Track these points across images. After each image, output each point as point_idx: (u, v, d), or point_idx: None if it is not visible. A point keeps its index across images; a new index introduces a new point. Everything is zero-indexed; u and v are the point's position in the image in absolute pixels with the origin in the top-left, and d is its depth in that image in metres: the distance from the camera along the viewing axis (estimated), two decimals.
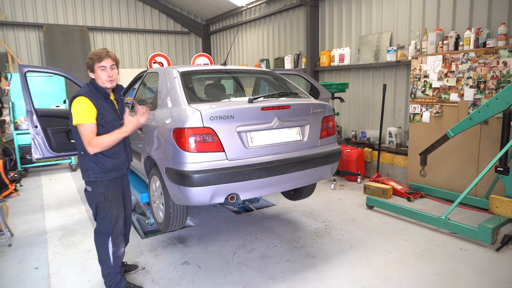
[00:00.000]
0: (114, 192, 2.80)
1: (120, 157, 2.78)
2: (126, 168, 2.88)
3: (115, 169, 2.75)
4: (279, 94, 3.68)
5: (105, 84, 2.64)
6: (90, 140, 2.52)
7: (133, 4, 11.11)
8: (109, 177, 2.74)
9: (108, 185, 2.75)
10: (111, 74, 2.63)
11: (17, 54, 9.54)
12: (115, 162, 2.73)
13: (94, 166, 2.68)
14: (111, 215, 2.78)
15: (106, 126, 2.63)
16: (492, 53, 4.33)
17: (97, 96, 2.63)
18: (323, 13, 7.44)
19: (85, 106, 2.55)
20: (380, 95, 6.18)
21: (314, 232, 4.09)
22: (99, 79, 2.63)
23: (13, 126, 6.75)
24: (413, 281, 3.04)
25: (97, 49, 2.64)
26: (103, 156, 2.68)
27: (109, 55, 2.62)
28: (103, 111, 2.62)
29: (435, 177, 5.11)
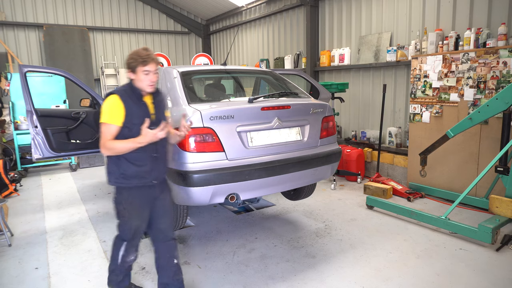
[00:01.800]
0: (135, 202, 2.59)
1: (145, 165, 2.54)
2: (152, 178, 2.59)
3: (137, 177, 2.54)
4: (279, 94, 3.69)
5: (146, 89, 2.50)
6: (105, 142, 2.43)
7: (133, 4, 11.11)
8: (129, 184, 2.55)
9: (128, 194, 2.57)
10: (153, 80, 2.49)
11: (17, 54, 9.54)
12: (137, 169, 2.53)
13: (115, 169, 2.54)
14: (130, 226, 2.63)
15: (133, 129, 2.46)
16: (492, 53, 4.33)
17: (130, 97, 2.50)
18: (323, 13, 7.44)
19: (114, 106, 2.44)
20: (380, 95, 6.18)
21: (314, 232, 4.09)
22: (139, 82, 2.48)
23: (13, 126, 6.74)
24: (413, 281, 3.04)
25: (139, 49, 2.47)
26: (126, 161, 2.51)
27: (154, 59, 2.48)
28: (131, 113, 2.47)
29: (435, 177, 5.11)
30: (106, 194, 5.72)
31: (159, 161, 2.63)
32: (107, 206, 5.14)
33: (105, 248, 3.79)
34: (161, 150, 2.64)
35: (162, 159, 2.66)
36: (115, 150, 2.44)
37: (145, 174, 2.56)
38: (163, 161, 2.68)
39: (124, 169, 2.52)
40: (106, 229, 4.29)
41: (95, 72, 10.65)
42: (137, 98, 2.52)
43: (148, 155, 2.54)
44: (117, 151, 2.45)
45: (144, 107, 2.54)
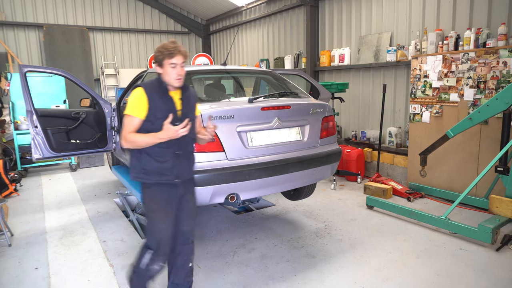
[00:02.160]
0: (158, 200, 2.48)
1: (166, 162, 2.44)
2: (174, 176, 2.47)
3: (157, 173, 2.44)
4: (279, 94, 3.69)
5: (173, 83, 2.41)
6: (126, 134, 2.36)
7: (133, 4, 11.11)
8: (150, 180, 2.46)
9: (150, 191, 2.49)
10: (180, 73, 2.39)
11: (17, 54, 9.54)
12: (158, 165, 2.43)
13: (137, 164, 2.47)
14: (155, 228, 2.49)
15: (156, 123, 2.37)
16: (492, 53, 4.33)
17: (156, 90, 2.42)
18: (323, 13, 7.44)
19: (139, 98, 2.39)
20: (380, 95, 6.18)
21: (314, 232, 4.09)
22: (166, 76, 2.40)
23: (13, 126, 6.75)
24: (413, 281, 3.04)
25: (166, 42, 2.38)
26: (147, 156, 2.43)
27: (181, 51, 2.38)
28: (155, 107, 2.39)
29: (435, 177, 5.11)
30: (106, 194, 5.73)
31: (182, 159, 2.51)
32: (107, 206, 5.14)
33: (105, 248, 3.79)
34: (185, 148, 2.53)
35: (186, 157, 2.55)
36: (135, 143, 2.37)
37: (166, 171, 2.45)
38: (187, 159, 2.56)
39: (145, 164, 2.44)
40: (106, 229, 4.29)
41: (95, 72, 10.65)
42: (163, 92, 2.43)
43: (170, 152, 2.45)
44: (137, 145, 2.38)
45: (170, 102, 2.45)
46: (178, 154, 2.48)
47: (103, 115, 4.77)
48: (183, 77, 2.42)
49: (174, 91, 2.48)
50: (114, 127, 4.79)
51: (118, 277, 3.22)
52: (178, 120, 2.41)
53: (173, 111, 2.43)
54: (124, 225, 4.41)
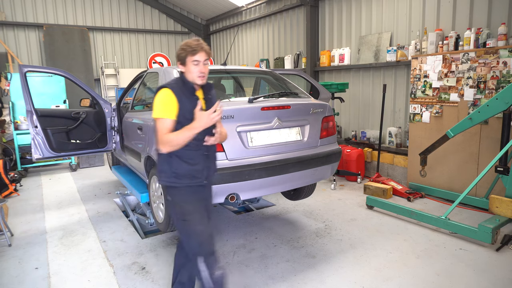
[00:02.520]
0: (193, 204, 2.43)
1: (197, 164, 2.40)
2: (204, 178, 2.46)
3: (188, 176, 2.39)
4: (279, 94, 3.68)
5: (196, 80, 2.35)
6: (162, 136, 2.28)
7: (133, 4, 11.11)
8: (181, 184, 2.40)
9: (184, 194, 2.42)
10: (203, 70, 2.34)
11: (17, 54, 9.54)
12: (189, 168, 2.38)
13: (167, 168, 2.39)
14: (195, 231, 2.39)
15: (185, 124, 2.31)
16: (492, 53, 4.33)
17: (182, 90, 2.35)
18: (323, 13, 7.44)
19: (167, 99, 2.31)
20: (380, 95, 6.18)
21: (314, 232, 4.09)
22: (189, 74, 2.34)
23: (13, 126, 6.75)
24: (413, 281, 3.04)
25: (190, 40, 2.34)
26: (177, 159, 2.36)
27: (204, 48, 2.32)
28: (184, 107, 2.33)
29: (435, 177, 5.11)
30: (106, 194, 5.73)
31: (210, 160, 2.50)
32: (107, 206, 5.14)
33: (105, 248, 3.79)
34: (212, 148, 2.51)
35: (212, 158, 2.54)
36: (172, 142, 2.27)
37: (197, 173, 2.42)
38: (213, 160, 2.55)
39: (176, 167, 2.37)
40: (106, 229, 4.29)
41: (95, 72, 10.65)
42: (189, 93, 2.38)
43: (200, 153, 2.42)
44: (175, 143, 2.28)
45: (196, 101, 2.39)
46: (207, 155, 2.45)
47: (103, 115, 4.77)
48: (206, 75, 2.37)
49: (199, 91, 2.43)
50: (114, 127, 4.79)
51: (118, 277, 3.22)
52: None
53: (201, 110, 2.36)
54: (124, 225, 4.41)
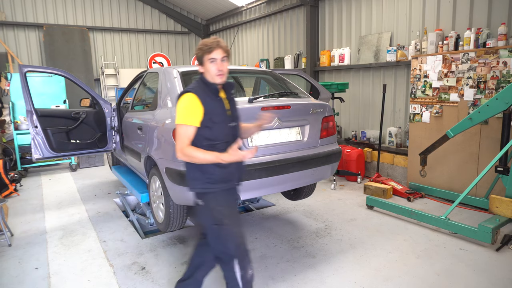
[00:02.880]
0: (230, 207, 2.39)
1: (230, 166, 2.32)
2: (236, 179, 2.44)
3: (223, 181, 2.34)
4: (279, 94, 3.68)
5: (214, 79, 2.27)
6: (183, 147, 2.20)
7: (133, 4, 11.11)
8: (216, 189, 2.34)
9: (220, 198, 2.37)
10: (221, 68, 2.25)
11: (17, 54, 9.54)
12: (223, 172, 2.32)
13: (200, 175, 2.31)
14: (233, 234, 2.35)
15: (213, 128, 2.26)
16: (492, 53, 4.33)
17: (206, 93, 2.27)
18: (323, 13, 7.44)
19: (191, 105, 2.22)
20: (380, 95, 6.18)
21: (314, 232, 4.09)
22: (208, 73, 2.27)
23: (13, 126, 6.75)
24: (413, 281, 3.04)
25: (207, 39, 2.28)
26: (211, 164, 2.28)
27: (220, 45, 2.24)
28: (211, 111, 2.25)
29: (435, 177, 5.11)
30: (106, 194, 5.73)
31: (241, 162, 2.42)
32: (107, 206, 5.14)
33: (105, 248, 3.79)
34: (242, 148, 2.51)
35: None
36: (193, 159, 2.22)
37: (230, 175, 2.37)
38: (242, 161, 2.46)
39: (211, 173, 2.29)
40: (106, 229, 4.29)
41: (95, 72, 10.65)
42: (214, 94, 2.30)
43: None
44: (195, 161, 2.23)
45: (221, 103, 2.33)
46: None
47: (103, 115, 4.77)
48: (225, 72, 2.29)
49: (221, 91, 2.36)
50: (114, 127, 4.79)
51: (118, 277, 3.22)
52: (230, 120, 2.34)
53: (225, 112, 2.33)
54: (124, 225, 4.41)
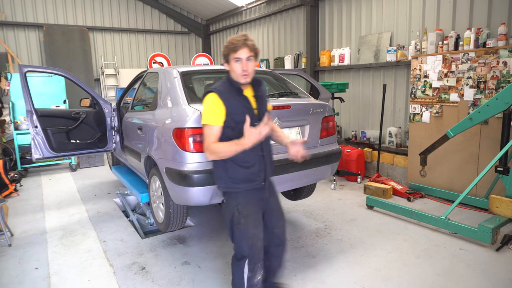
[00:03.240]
0: (250, 207, 2.37)
1: (253, 166, 2.32)
2: (261, 179, 2.38)
3: (246, 181, 2.33)
4: (279, 94, 3.68)
5: (239, 79, 2.25)
6: (209, 145, 2.22)
7: (133, 4, 11.11)
8: (239, 189, 2.35)
9: (241, 198, 2.36)
10: (245, 68, 2.21)
11: (17, 54, 9.54)
12: (246, 172, 2.32)
13: (224, 174, 2.34)
14: (248, 234, 2.35)
15: (236, 128, 2.24)
16: (492, 53, 4.33)
17: (230, 92, 2.27)
18: (323, 13, 7.44)
19: (213, 104, 2.24)
20: (380, 95, 6.18)
21: (314, 232, 4.09)
22: (233, 73, 2.25)
23: (13, 126, 6.75)
24: (413, 281, 3.04)
25: (235, 35, 2.26)
26: (233, 164, 2.29)
27: (247, 44, 2.21)
28: (232, 110, 2.24)
29: (435, 177, 5.11)
30: (106, 194, 5.73)
31: (266, 160, 2.40)
32: (107, 206, 5.14)
33: (105, 248, 3.79)
34: (267, 148, 2.40)
35: (268, 158, 2.43)
36: (219, 154, 2.22)
37: (253, 176, 2.35)
38: (269, 160, 2.44)
39: (233, 172, 2.31)
40: (106, 229, 4.29)
41: (95, 72, 10.65)
42: (237, 93, 2.29)
43: (255, 155, 2.33)
44: (222, 155, 2.23)
45: (246, 101, 2.31)
46: (262, 156, 2.37)
47: (103, 115, 4.77)
48: (250, 72, 2.25)
49: (247, 89, 2.34)
50: (114, 127, 4.79)
51: (118, 277, 3.22)
52: (257, 119, 2.30)
53: (251, 111, 2.30)
54: (124, 225, 4.41)
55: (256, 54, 2.28)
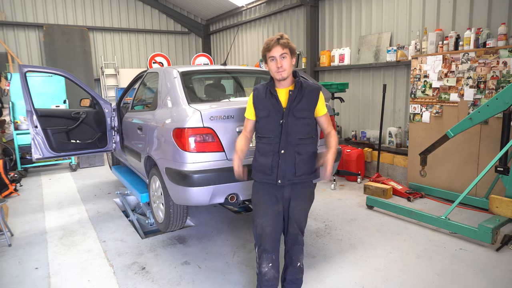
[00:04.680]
0: (260, 197, 2.50)
1: (267, 159, 2.39)
2: (275, 176, 2.40)
3: (260, 171, 2.44)
4: None
5: (275, 76, 2.35)
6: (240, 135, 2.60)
7: (133, 4, 11.11)
8: (255, 177, 2.50)
9: (255, 186, 2.54)
10: (279, 65, 2.30)
11: (17, 54, 9.54)
12: (261, 162, 2.43)
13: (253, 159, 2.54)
14: (256, 222, 2.50)
15: (260, 122, 2.44)
16: (492, 53, 4.33)
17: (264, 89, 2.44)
18: (323, 13, 7.44)
19: (249, 101, 2.53)
20: (380, 95, 6.18)
21: (314, 232, 4.09)
22: (270, 71, 2.38)
23: (13, 126, 6.75)
24: (413, 281, 3.04)
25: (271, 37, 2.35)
26: (257, 152, 2.49)
27: (279, 43, 2.29)
28: (258, 107, 2.44)
29: (435, 177, 5.11)
30: (106, 194, 5.73)
31: (287, 160, 2.38)
32: (107, 206, 5.14)
33: (105, 248, 3.79)
34: (291, 147, 2.39)
35: (291, 159, 2.39)
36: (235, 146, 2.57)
37: (266, 169, 2.41)
38: (293, 162, 2.39)
39: (255, 161, 2.50)
40: (106, 229, 4.29)
41: (95, 72, 10.65)
42: (269, 91, 2.41)
43: (271, 149, 2.40)
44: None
45: (274, 99, 2.39)
46: (282, 154, 2.38)
47: (103, 115, 4.77)
48: (286, 68, 2.32)
49: (284, 88, 2.41)
50: (114, 127, 4.79)
51: (118, 277, 3.22)
52: (283, 116, 2.36)
53: (277, 109, 2.37)
54: (124, 225, 4.41)
55: (292, 51, 2.37)
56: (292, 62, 2.39)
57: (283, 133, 2.36)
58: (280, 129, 2.36)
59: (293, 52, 2.37)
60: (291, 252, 2.64)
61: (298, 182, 2.46)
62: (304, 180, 2.47)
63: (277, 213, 2.49)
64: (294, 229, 2.55)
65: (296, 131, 2.38)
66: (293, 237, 2.58)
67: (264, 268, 2.53)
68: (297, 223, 2.54)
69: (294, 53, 2.39)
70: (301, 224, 2.58)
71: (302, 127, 2.39)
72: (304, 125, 2.39)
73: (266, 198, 2.48)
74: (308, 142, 2.44)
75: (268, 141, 2.40)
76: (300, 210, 2.53)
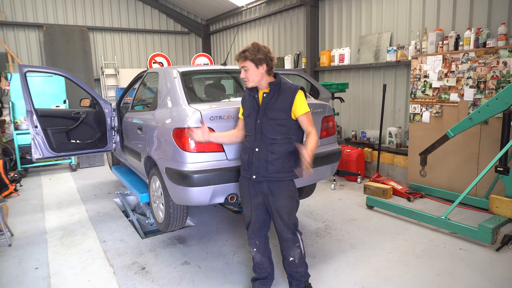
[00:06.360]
0: (242, 190, 2.76)
1: (245, 155, 2.64)
2: (250, 172, 2.60)
3: (242, 166, 2.71)
4: None
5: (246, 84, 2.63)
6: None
7: (133, 4, 11.11)
8: (241, 172, 2.75)
9: (240, 181, 2.78)
10: (242, 76, 2.54)
11: (17, 54, 9.54)
12: (242, 157, 2.69)
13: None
14: (244, 212, 2.79)
15: (244, 121, 2.70)
16: (492, 53, 4.33)
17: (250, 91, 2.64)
18: (323, 13, 7.44)
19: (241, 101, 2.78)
20: (380, 95, 6.18)
21: (314, 232, 4.09)
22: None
23: (13, 126, 6.75)
24: (413, 281, 3.04)
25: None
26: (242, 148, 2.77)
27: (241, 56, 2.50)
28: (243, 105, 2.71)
29: (435, 177, 5.11)
30: (106, 194, 5.73)
31: (260, 158, 2.54)
32: (107, 206, 5.14)
33: (105, 248, 3.79)
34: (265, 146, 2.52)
35: (264, 156, 2.53)
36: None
37: (245, 165, 2.66)
38: (265, 160, 2.52)
39: (241, 155, 2.75)
40: (106, 229, 4.29)
41: (95, 72, 10.65)
42: (252, 92, 2.62)
43: (250, 146, 2.60)
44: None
45: (253, 99, 2.62)
46: (256, 151, 2.57)
47: (103, 115, 4.77)
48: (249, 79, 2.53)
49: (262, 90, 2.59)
50: (114, 127, 4.79)
51: (118, 277, 3.22)
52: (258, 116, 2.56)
53: (255, 108, 2.59)
54: (124, 225, 4.41)
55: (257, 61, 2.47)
56: (261, 70, 2.50)
57: (258, 132, 2.55)
58: (256, 128, 2.56)
59: (260, 61, 2.47)
60: (281, 247, 2.79)
61: (272, 180, 2.57)
62: (278, 178, 2.56)
63: (258, 205, 2.68)
64: (279, 225, 2.67)
65: (269, 131, 2.52)
66: (279, 233, 2.71)
67: (252, 253, 2.83)
68: (281, 219, 2.63)
69: (263, 62, 2.48)
70: (286, 221, 2.64)
71: (275, 127, 2.52)
72: (277, 125, 2.52)
73: (246, 191, 2.70)
74: (283, 142, 2.53)
75: (248, 139, 2.63)
76: (280, 207, 2.61)
